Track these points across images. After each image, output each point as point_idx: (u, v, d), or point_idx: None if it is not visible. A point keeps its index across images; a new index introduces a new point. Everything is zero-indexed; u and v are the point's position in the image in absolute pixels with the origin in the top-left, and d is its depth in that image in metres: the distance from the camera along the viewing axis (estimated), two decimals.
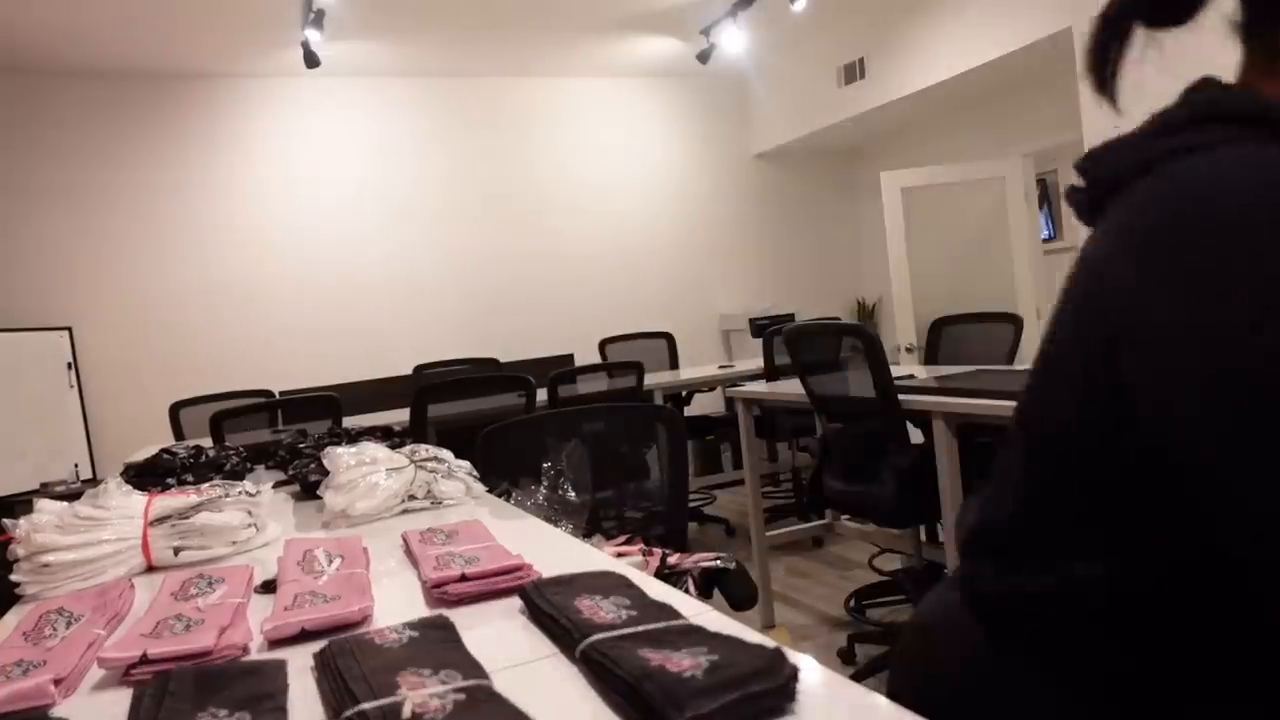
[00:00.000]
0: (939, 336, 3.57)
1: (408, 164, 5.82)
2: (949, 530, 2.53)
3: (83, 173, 5.06)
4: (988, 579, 0.62)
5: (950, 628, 0.67)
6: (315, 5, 4.36)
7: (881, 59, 5.47)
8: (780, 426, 4.59)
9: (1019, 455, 0.62)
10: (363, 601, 0.91)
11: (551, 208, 6.19)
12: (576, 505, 1.51)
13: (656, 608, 0.79)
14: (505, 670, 0.73)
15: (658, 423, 1.94)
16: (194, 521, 1.25)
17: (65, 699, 0.77)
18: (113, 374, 5.09)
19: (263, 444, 2.22)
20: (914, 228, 5.42)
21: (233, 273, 5.37)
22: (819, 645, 3.14)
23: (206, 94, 5.33)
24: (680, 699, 0.57)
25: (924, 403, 2.50)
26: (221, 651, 0.81)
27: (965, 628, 0.65)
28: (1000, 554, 0.61)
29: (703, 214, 6.65)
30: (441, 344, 5.82)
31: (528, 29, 5.24)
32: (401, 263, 5.78)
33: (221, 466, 1.75)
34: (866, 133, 6.51)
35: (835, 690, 0.64)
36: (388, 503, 1.44)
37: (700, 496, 5.60)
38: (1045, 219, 8.20)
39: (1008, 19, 4.55)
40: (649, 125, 6.50)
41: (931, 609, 0.71)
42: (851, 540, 4.28)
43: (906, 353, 5.43)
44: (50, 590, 1.13)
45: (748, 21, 5.28)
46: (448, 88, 5.94)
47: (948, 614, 0.68)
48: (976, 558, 0.64)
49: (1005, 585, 0.60)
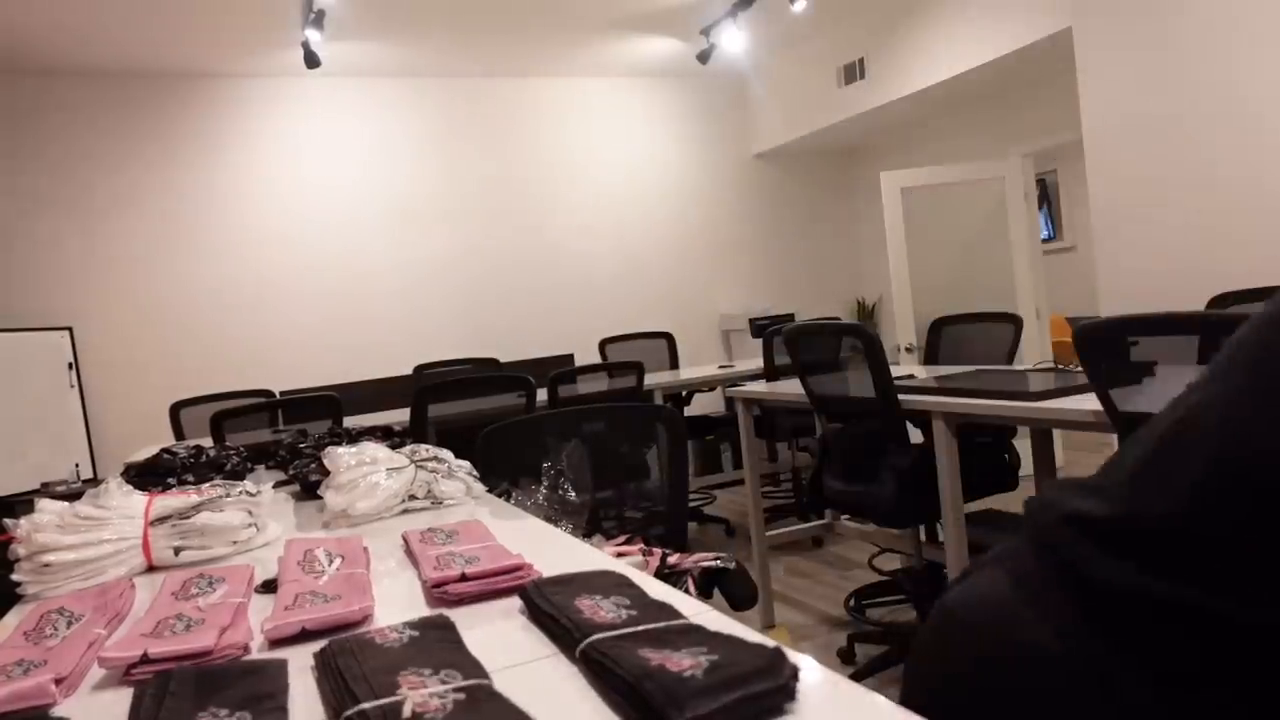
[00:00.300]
0: (939, 336, 3.57)
1: (407, 164, 5.82)
2: (949, 530, 2.53)
3: (83, 173, 5.06)
4: (1114, 570, 0.59)
5: (1008, 610, 0.65)
6: (315, 5, 4.36)
7: (881, 59, 5.47)
8: (780, 426, 4.59)
9: (1201, 459, 0.58)
10: (363, 601, 0.91)
11: (551, 208, 6.19)
12: (576, 505, 1.52)
13: (656, 607, 0.79)
14: (505, 670, 0.73)
15: (658, 423, 1.94)
16: (194, 521, 1.26)
17: (66, 698, 0.77)
18: (113, 374, 5.09)
19: (263, 444, 2.22)
20: (914, 228, 5.42)
21: (233, 272, 5.38)
22: (819, 645, 3.14)
23: (206, 94, 5.33)
24: (680, 698, 0.57)
25: (924, 403, 2.50)
26: (222, 651, 0.81)
27: (1023, 612, 0.63)
28: (1137, 551, 0.58)
29: (703, 214, 6.66)
30: (441, 344, 5.82)
31: (528, 29, 5.24)
32: (402, 262, 5.78)
33: (222, 466, 1.75)
34: (866, 133, 6.51)
35: (835, 690, 0.64)
36: (388, 503, 1.44)
37: (700, 496, 5.60)
38: (1045, 219, 8.21)
39: (1008, 19, 4.56)
40: (649, 125, 6.50)
41: (967, 595, 0.69)
42: (851, 540, 4.28)
43: (906, 353, 5.43)
44: (51, 590, 1.13)
45: (747, 21, 5.28)
46: (448, 88, 5.94)
47: (999, 598, 0.65)
48: (1095, 544, 0.61)
49: (1139, 584, 0.57)
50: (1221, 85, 3.44)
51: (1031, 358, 5.08)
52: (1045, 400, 2.17)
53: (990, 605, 0.65)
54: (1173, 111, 3.62)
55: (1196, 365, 1.83)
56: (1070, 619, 0.59)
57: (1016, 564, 0.65)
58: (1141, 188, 3.79)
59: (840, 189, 7.16)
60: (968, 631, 0.66)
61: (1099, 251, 4.01)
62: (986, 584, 0.66)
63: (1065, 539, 0.61)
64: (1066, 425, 2.15)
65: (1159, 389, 1.80)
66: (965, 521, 2.54)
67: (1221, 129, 3.46)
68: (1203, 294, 3.18)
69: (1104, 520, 0.59)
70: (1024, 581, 0.63)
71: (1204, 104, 3.51)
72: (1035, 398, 2.18)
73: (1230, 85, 3.41)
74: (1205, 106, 3.50)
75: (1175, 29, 3.57)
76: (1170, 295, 3.71)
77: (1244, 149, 3.40)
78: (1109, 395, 1.83)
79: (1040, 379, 2.45)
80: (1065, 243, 8.16)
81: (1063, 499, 0.64)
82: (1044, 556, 0.63)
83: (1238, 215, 3.44)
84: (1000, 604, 0.64)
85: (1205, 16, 3.45)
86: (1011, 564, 0.65)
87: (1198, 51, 3.50)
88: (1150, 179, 3.75)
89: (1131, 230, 3.85)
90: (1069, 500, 0.64)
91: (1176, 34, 3.56)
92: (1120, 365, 1.81)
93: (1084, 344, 1.81)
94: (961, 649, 0.66)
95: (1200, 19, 3.47)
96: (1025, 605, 0.61)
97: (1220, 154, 3.48)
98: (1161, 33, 3.62)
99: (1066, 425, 2.15)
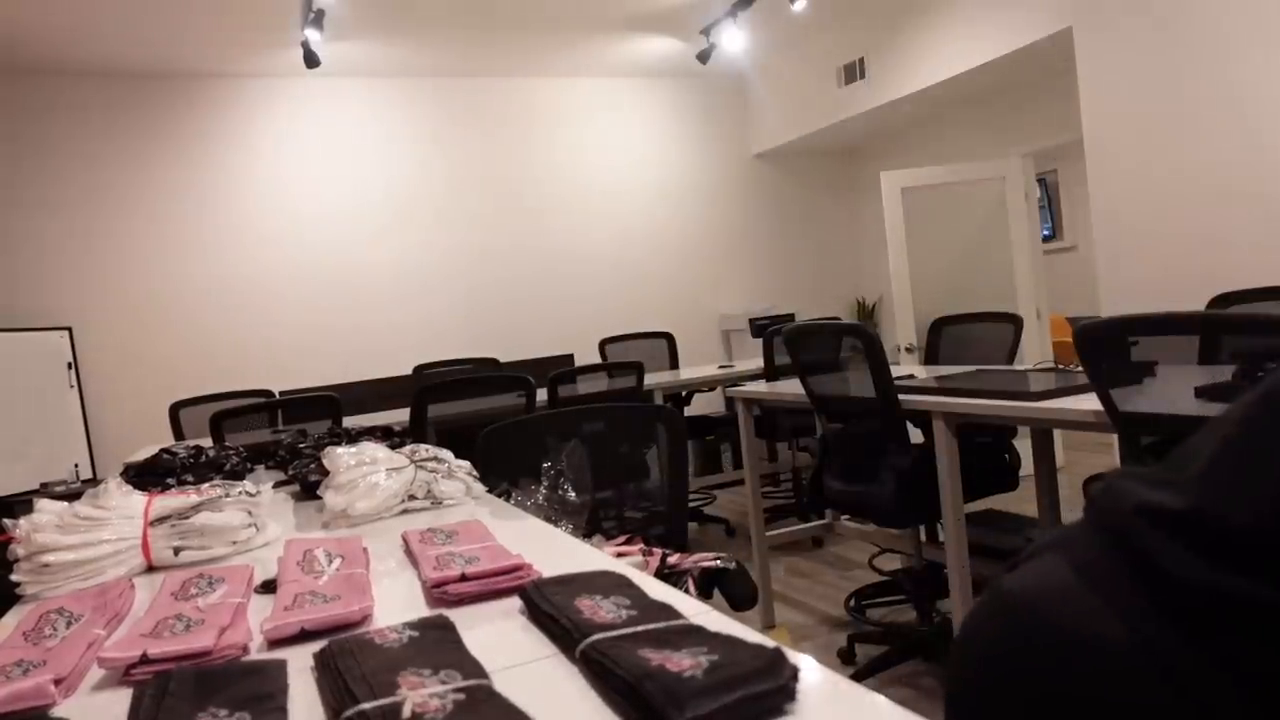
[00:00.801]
0: (939, 336, 3.57)
1: (407, 164, 5.82)
2: (949, 530, 2.53)
3: (83, 173, 5.06)
4: (1188, 565, 0.58)
5: (1072, 596, 0.63)
6: (315, 5, 4.36)
7: (881, 59, 5.47)
8: (780, 426, 4.59)
9: None
10: (363, 601, 0.91)
11: (551, 207, 6.19)
12: (576, 505, 1.51)
13: (656, 608, 0.79)
14: (505, 670, 0.73)
15: (658, 423, 1.94)
16: (194, 521, 1.25)
17: (65, 699, 0.77)
18: (113, 374, 5.09)
19: (263, 444, 2.22)
20: (914, 228, 5.42)
21: (233, 272, 5.38)
22: (819, 645, 3.14)
23: (206, 94, 5.33)
24: (681, 698, 0.57)
25: (924, 403, 2.50)
26: (221, 651, 0.81)
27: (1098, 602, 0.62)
28: (1214, 546, 0.58)
29: (703, 214, 6.66)
30: (441, 344, 5.82)
31: (528, 29, 5.24)
32: (401, 262, 5.78)
33: (221, 466, 1.75)
34: (866, 133, 6.51)
35: (835, 690, 0.64)
36: (388, 503, 1.44)
37: (700, 496, 5.60)
38: (1045, 219, 8.20)
39: (1008, 19, 4.56)
40: (649, 125, 6.50)
41: (1025, 580, 0.67)
42: (851, 540, 4.28)
43: (906, 353, 5.43)
44: (50, 590, 1.13)
45: (747, 21, 5.28)
46: (447, 88, 5.94)
47: (1061, 584, 0.64)
48: (1168, 536, 0.60)
49: (1215, 580, 0.57)
50: (1221, 85, 3.43)
51: (1032, 358, 5.08)
52: (1045, 400, 2.16)
53: (1051, 591, 0.63)
54: (1173, 112, 3.62)
55: (1197, 365, 1.83)
56: (1139, 610, 0.58)
57: (1078, 551, 0.64)
58: (1141, 188, 3.79)
59: (840, 189, 7.16)
60: (1026, 616, 0.65)
61: (1099, 251, 4.01)
62: (1047, 569, 0.65)
63: (1137, 528, 0.60)
64: (1066, 425, 2.15)
65: (1159, 389, 1.80)
66: (965, 521, 2.54)
67: (1221, 129, 3.46)
68: (1203, 294, 3.18)
69: (1179, 513, 0.59)
70: (1087, 569, 0.62)
71: (1204, 104, 3.51)
72: (1035, 398, 2.18)
73: (1230, 85, 3.41)
74: (1205, 107, 3.50)
75: (1175, 29, 3.56)
76: (1170, 295, 3.71)
77: (1244, 149, 3.39)
78: (1109, 395, 1.83)
79: (1040, 379, 2.45)
80: (1065, 243, 8.16)
81: (1134, 488, 0.64)
82: (1112, 545, 0.62)
83: (1238, 215, 3.44)
84: (1062, 590, 0.63)
85: (1205, 17, 3.45)
86: (1072, 551, 0.64)
87: (1198, 52, 3.50)
88: (1150, 179, 3.75)
89: (1131, 230, 3.85)
90: (1141, 491, 0.63)
91: (1176, 34, 3.56)
92: (1121, 365, 1.81)
93: (1084, 344, 1.81)
94: (1019, 634, 0.65)
95: (1200, 19, 3.47)
96: (1090, 593, 0.60)
97: (1220, 154, 3.48)
98: (1161, 33, 3.62)
99: (1066, 425, 2.15)
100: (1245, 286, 2.83)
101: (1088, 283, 7.45)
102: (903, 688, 2.74)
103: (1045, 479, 3.06)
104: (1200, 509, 0.58)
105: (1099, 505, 0.66)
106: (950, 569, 2.53)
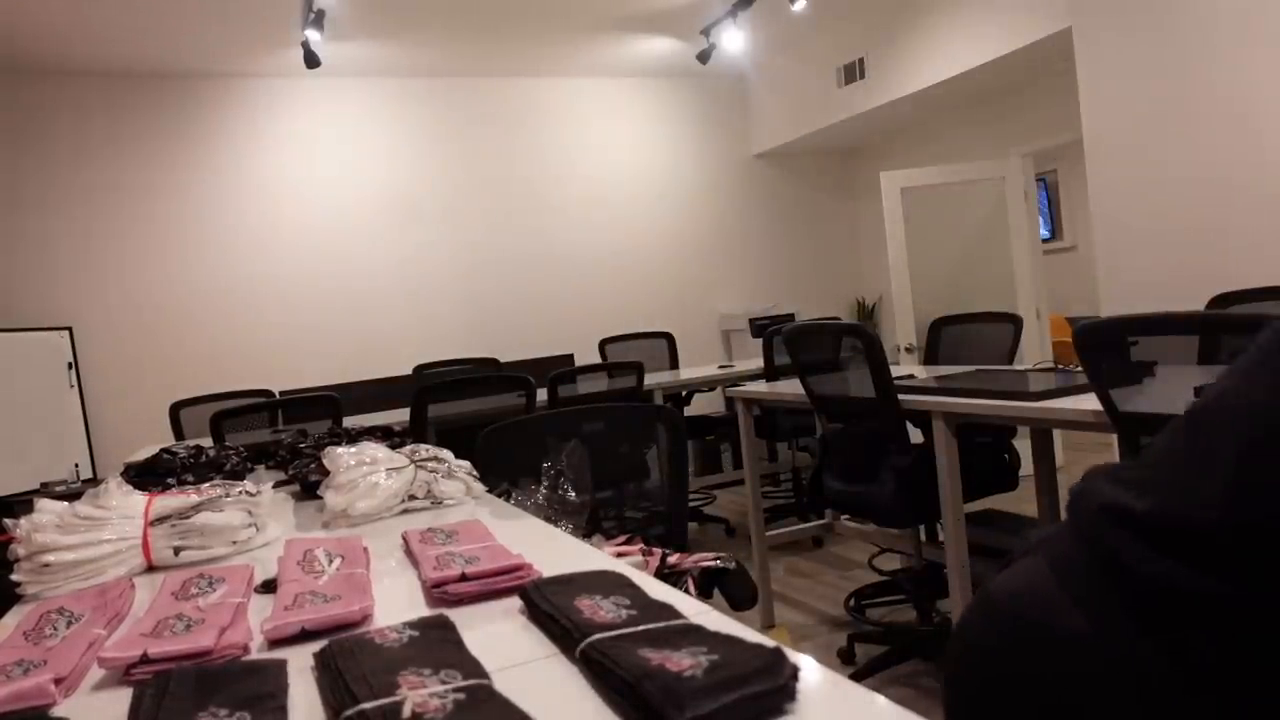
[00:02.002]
0: (939, 336, 3.57)
1: (407, 164, 5.82)
2: (949, 530, 2.53)
3: (83, 173, 5.06)
4: (1149, 561, 0.59)
5: (1044, 594, 0.65)
6: (315, 5, 4.36)
7: (881, 59, 5.47)
8: (780, 426, 4.59)
9: (1231, 453, 0.58)
10: (363, 601, 0.91)
11: (551, 207, 6.19)
12: (576, 505, 1.52)
13: (656, 607, 0.79)
14: (505, 670, 0.73)
15: (658, 423, 1.94)
16: (194, 521, 1.25)
17: (66, 698, 0.77)
18: (113, 374, 5.09)
19: (263, 444, 2.22)
20: (914, 228, 5.42)
21: (233, 273, 5.38)
22: (819, 645, 3.14)
23: (206, 94, 5.33)
24: (680, 698, 0.57)
25: (924, 403, 2.50)
26: (222, 651, 0.81)
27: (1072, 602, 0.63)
28: (1175, 544, 0.59)
29: (703, 214, 6.66)
30: (441, 344, 5.82)
31: (528, 29, 5.24)
32: (401, 262, 5.78)
33: (222, 466, 1.75)
34: (866, 133, 6.51)
35: (835, 690, 0.64)
36: (388, 503, 1.44)
37: (700, 496, 5.60)
38: (1045, 219, 8.21)
39: (1008, 19, 4.56)
40: (649, 125, 6.50)
41: (1007, 581, 0.66)
42: (851, 540, 4.28)
43: (906, 353, 5.43)
44: (50, 590, 1.13)
45: (747, 21, 5.28)
46: (447, 88, 5.94)
47: (1037, 583, 0.66)
48: (1133, 535, 0.62)
49: (1176, 576, 0.58)
50: (1221, 85, 3.43)
51: (1031, 358, 5.08)
52: (1045, 400, 2.17)
53: (1028, 590, 0.66)
54: (1173, 112, 3.62)
55: (1197, 365, 1.83)
56: (1106, 606, 0.60)
57: (1056, 550, 0.66)
58: (1141, 188, 3.79)
59: (840, 189, 7.16)
60: (1007, 613, 0.67)
61: (1099, 251, 4.01)
62: (1027, 570, 0.67)
63: (1104, 527, 0.62)
64: (1066, 425, 2.15)
65: (1159, 389, 1.80)
66: (965, 521, 2.54)
67: (1221, 129, 3.46)
68: (1203, 294, 3.18)
69: (1142, 513, 0.60)
70: (1061, 567, 0.64)
71: (1204, 104, 3.51)
72: (1035, 398, 2.18)
73: (1230, 85, 3.41)
74: (1205, 106, 3.50)
75: (1175, 29, 3.56)
76: (1170, 295, 3.71)
77: (1244, 149, 3.40)
78: (1109, 395, 1.83)
79: (1040, 379, 2.45)
80: (1065, 243, 8.16)
81: (1101, 488, 0.65)
82: (1083, 544, 0.64)
83: (1238, 215, 3.44)
84: (1038, 589, 0.65)
85: (1205, 16, 3.45)
86: (1051, 550, 0.67)
87: (1198, 52, 3.50)
88: (1150, 179, 3.75)
89: (1131, 230, 3.85)
90: (1107, 490, 0.65)
91: (1176, 34, 3.56)
92: (1120, 365, 1.81)
93: (1084, 344, 1.81)
94: (1002, 630, 0.67)
95: (1200, 19, 3.47)
96: (1061, 590, 0.63)
97: (1220, 154, 3.48)
98: (1161, 33, 3.62)
99: (1066, 425, 2.15)
100: (1245, 286, 2.83)
101: (1088, 283, 7.45)
102: (903, 688, 2.74)
103: (1045, 479, 3.06)
104: (1161, 507, 0.60)
105: (1072, 505, 0.68)
106: (950, 569, 2.53)
